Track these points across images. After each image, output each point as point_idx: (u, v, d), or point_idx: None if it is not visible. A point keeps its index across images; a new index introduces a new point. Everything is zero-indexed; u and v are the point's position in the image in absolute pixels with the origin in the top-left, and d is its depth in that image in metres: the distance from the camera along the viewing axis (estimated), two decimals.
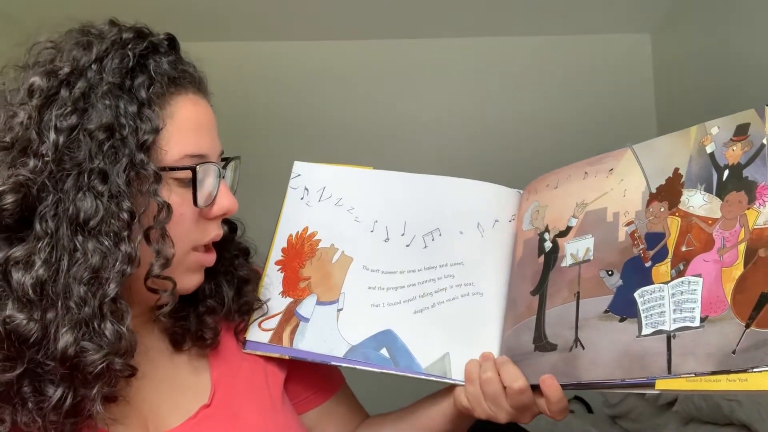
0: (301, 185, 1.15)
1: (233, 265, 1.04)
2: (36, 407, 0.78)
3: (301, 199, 1.14)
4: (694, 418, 2.11)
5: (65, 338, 0.78)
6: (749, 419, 1.84)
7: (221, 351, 1.02)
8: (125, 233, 0.82)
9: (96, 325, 0.80)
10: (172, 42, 0.95)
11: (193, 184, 0.89)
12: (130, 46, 0.88)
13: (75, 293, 0.79)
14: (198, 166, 0.89)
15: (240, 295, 1.03)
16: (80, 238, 0.80)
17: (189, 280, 0.94)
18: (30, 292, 0.78)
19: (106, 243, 0.81)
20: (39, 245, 0.79)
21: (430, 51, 3.59)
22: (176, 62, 0.93)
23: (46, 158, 0.80)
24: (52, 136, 0.81)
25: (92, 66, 0.86)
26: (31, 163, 0.80)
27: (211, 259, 0.96)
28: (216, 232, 0.95)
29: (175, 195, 0.88)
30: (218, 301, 1.01)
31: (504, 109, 3.55)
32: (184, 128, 0.90)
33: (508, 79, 3.58)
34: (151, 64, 0.89)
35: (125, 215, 0.82)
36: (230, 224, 1.07)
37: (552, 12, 3.34)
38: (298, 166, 1.16)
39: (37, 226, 0.80)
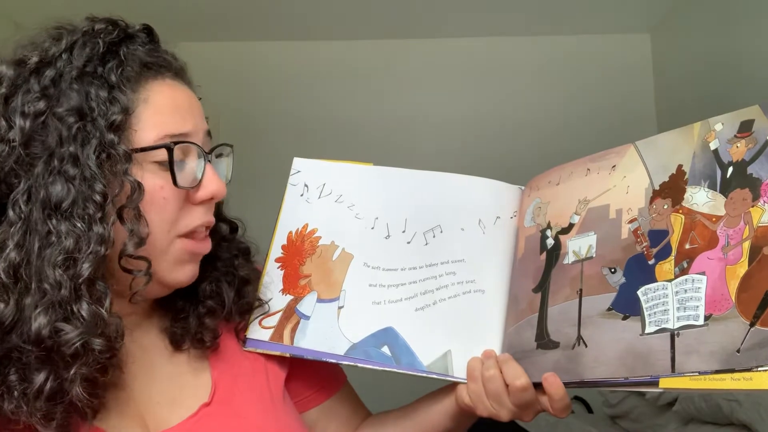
0: (300, 182, 1.14)
1: (233, 266, 1.03)
2: (21, 394, 0.78)
3: (301, 195, 1.13)
4: (694, 418, 2.11)
5: (39, 320, 0.77)
6: (749, 419, 1.84)
7: (222, 349, 1.02)
8: (98, 215, 0.81)
9: (72, 307, 0.79)
10: (148, 32, 0.94)
11: (170, 163, 0.87)
12: (102, 35, 0.88)
13: (49, 276, 0.79)
14: (175, 146, 0.88)
15: (240, 296, 1.03)
16: (53, 221, 0.80)
17: (181, 272, 0.93)
18: (3, 276, 0.78)
19: (79, 225, 0.80)
20: (12, 230, 0.80)
21: (430, 51, 3.59)
22: (151, 50, 0.92)
23: (14, 143, 0.81)
24: (19, 121, 0.82)
25: (62, 55, 0.86)
26: None
27: (203, 247, 0.95)
28: (204, 218, 0.93)
29: (157, 178, 0.87)
30: (218, 303, 1.00)
31: (504, 108, 3.56)
32: (161, 110, 0.89)
33: (509, 78, 3.58)
34: (123, 51, 0.89)
35: (98, 197, 0.81)
36: (230, 224, 1.06)
37: (552, 12, 3.35)
38: (298, 163, 1.16)
39: (10, 212, 0.80)
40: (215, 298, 1.00)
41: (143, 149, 0.86)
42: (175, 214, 0.90)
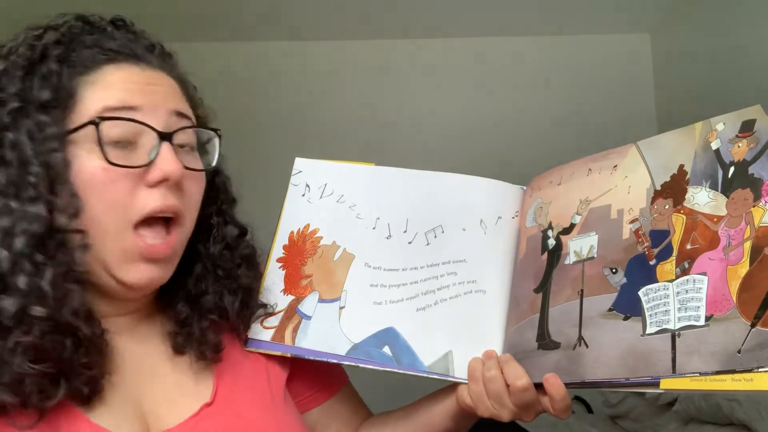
0: (302, 182, 1.14)
1: (236, 275, 1.02)
2: None
3: (303, 195, 1.13)
4: (694, 418, 2.11)
5: None
6: (749, 419, 1.84)
7: (224, 352, 1.02)
8: (31, 194, 0.82)
9: (10, 279, 0.80)
10: (116, 23, 0.94)
11: (98, 138, 0.85)
12: (61, 28, 0.90)
13: None
14: (103, 121, 0.85)
15: (244, 306, 1.02)
16: None
17: (136, 271, 0.88)
18: None
19: (14, 205, 0.81)
20: None
21: (431, 51, 3.59)
22: (111, 38, 0.92)
23: None
24: None
25: (19, 49, 0.87)
26: None
27: (158, 251, 0.89)
28: (159, 202, 0.87)
29: (97, 158, 0.85)
30: (222, 316, 1.00)
31: (505, 108, 3.56)
32: (107, 89, 0.87)
33: (509, 78, 3.58)
34: (79, 39, 0.89)
35: (32, 178, 0.82)
36: (240, 228, 1.05)
37: (552, 12, 3.35)
38: (300, 163, 1.16)
39: None
40: (218, 311, 0.99)
41: (75, 129, 0.85)
42: (125, 196, 0.86)
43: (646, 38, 3.63)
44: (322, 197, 1.12)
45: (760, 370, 0.74)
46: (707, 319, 0.81)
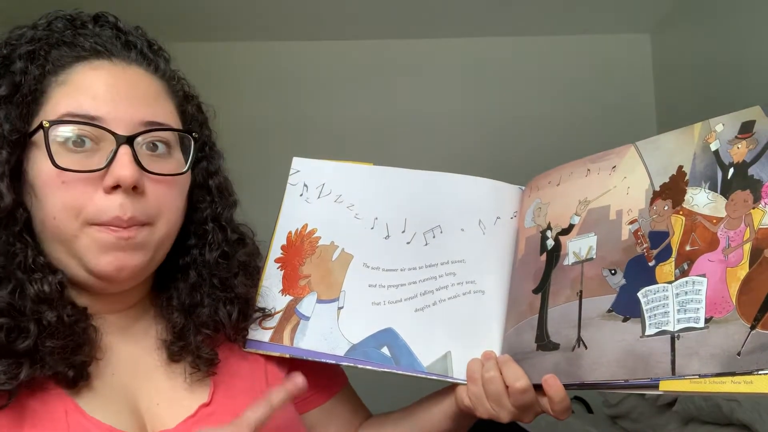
0: (300, 181, 1.14)
1: (232, 285, 1.00)
2: None
3: (301, 195, 1.13)
4: (694, 418, 2.11)
5: None
6: (749, 419, 1.83)
7: (221, 350, 1.02)
8: None
9: None
10: (98, 19, 0.94)
11: (45, 143, 0.84)
12: (40, 28, 0.90)
13: None
14: (53, 125, 0.84)
15: (241, 317, 1.01)
16: None
17: (102, 260, 0.86)
18: None
19: None
20: None
21: (430, 51, 3.59)
22: (86, 35, 0.91)
23: None
24: None
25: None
26: None
27: (117, 235, 0.86)
28: (115, 211, 0.85)
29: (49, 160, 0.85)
30: (217, 329, 0.99)
31: (503, 108, 3.55)
32: (74, 92, 0.87)
33: (509, 78, 3.58)
34: (53, 36, 0.89)
35: None
36: (239, 233, 1.04)
37: (552, 12, 3.35)
38: (297, 162, 1.15)
39: None
40: (213, 325, 0.98)
41: (32, 132, 0.86)
42: (79, 199, 0.85)
43: (646, 38, 3.63)
44: (320, 197, 1.12)
45: (760, 372, 0.74)
46: (707, 321, 0.80)
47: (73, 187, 0.85)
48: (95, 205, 0.85)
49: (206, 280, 0.99)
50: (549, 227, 1.02)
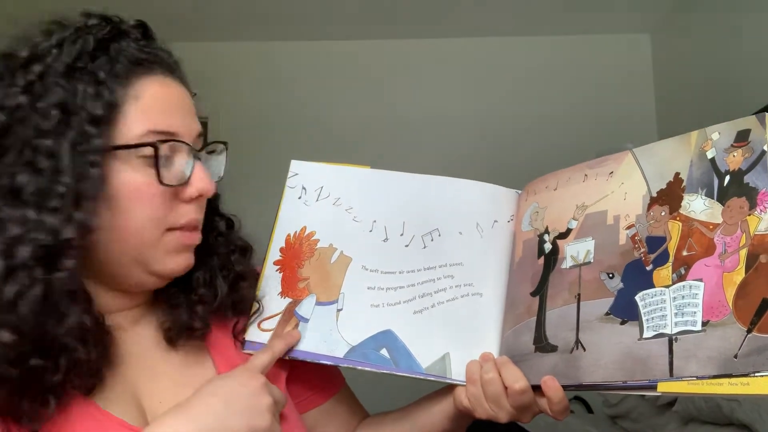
0: (298, 184, 1.14)
1: (230, 261, 1.03)
2: None
3: (299, 198, 1.13)
4: (694, 418, 2.11)
5: None
6: (749, 419, 1.84)
7: (222, 351, 1.02)
8: (53, 204, 0.81)
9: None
10: (142, 28, 0.94)
11: (155, 161, 0.87)
12: (93, 31, 0.89)
13: None
14: (162, 143, 0.88)
15: (234, 290, 1.03)
16: (8, 209, 0.81)
17: (174, 261, 0.92)
18: None
19: (31, 213, 0.81)
20: None
21: (430, 51, 3.60)
22: (144, 46, 0.92)
23: None
24: None
25: (51, 50, 0.86)
26: None
27: (193, 238, 0.95)
28: (193, 215, 0.93)
29: (143, 174, 0.87)
30: (210, 292, 1.00)
31: (503, 109, 3.56)
32: (149, 107, 0.89)
33: (508, 79, 3.58)
34: (114, 47, 0.89)
35: (60, 188, 0.81)
36: (227, 220, 1.06)
37: (552, 12, 3.35)
38: (296, 165, 1.16)
39: None
40: (207, 287, 1.00)
41: (128, 146, 0.86)
42: (163, 210, 0.90)
43: (646, 38, 3.63)
44: (319, 200, 1.12)
45: (756, 374, 0.75)
46: (704, 324, 0.81)
47: (158, 198, 0.89)
48: (176, 212, 0.91)
49: (205, 256, 1.01)
50: (546, 231, 1.03)
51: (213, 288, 1.01)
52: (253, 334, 1.06)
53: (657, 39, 3.59)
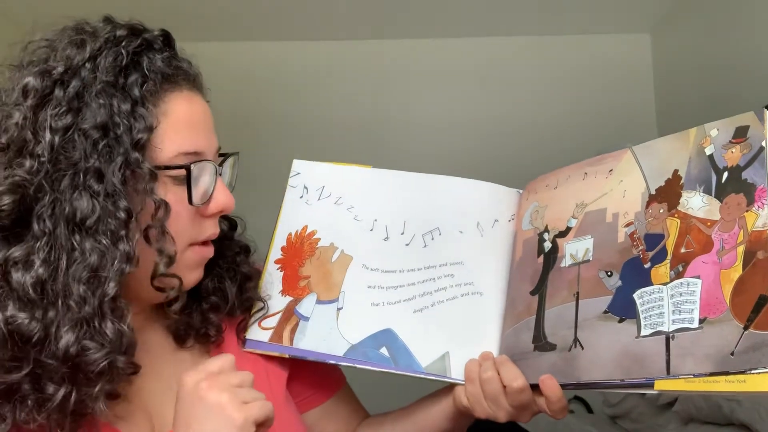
0: (300, 183, 1.14)
1: (235, 262, 1.04)
2: (36, 405, 0.79)
3: (301, 197, 1.14)
4: (694, 418, 2.11)
5: (67, 337, 0.78)
6: (749, 419, 1.84)
7: (224, 349, 1.02)
8: (122, 232, 0.82)
9: (97, 324, 0.80)
10: (166, 38, 0.94)
11: (187, 182, 0.89)
12: (123, 43, 0.88)
13: (75, 292, 0.79)
14: (193, 165, 0.89)
15: (242, 291, 1.04)
16: (77, 237, 0.80)
17: (189, 276, 0.94)
18: (30, 291, 0.78)
19: (104, 242, 0.81)
20: (37, 245, 0.80)
21: (430, 51, 3.59)
22: (170, 59, 0.92)
23: (42, 158, 0.81)
24: (48, 136, 0.81)
25: (86, 65, 0.85)
26: (27, 163, 0.81)
27: (208, 252, 0.96)
28: (213, 230, 0.95)
29: (170, 193, 0.88)
30: (221, 298, 1.01)
31: (503, 109, 3.56)
32: (179, 125, 0.89)
33: (508, 79, 3.58)
34: (145, 62, 0.89)
35: (122, 214, 0.82)
36: (230, 221, 1.07)
37: (552, 12, 3.35)
38: (297, 165, 1.16)
39: (35, 226, 0.80)
40: (218, 294, 1.01)
41: (166, 167, 0.87)
42: (187, 227, 0.91)
43: (646, 38, 3.63)
44: (320, 199, 1.13)
45: (752, 371, 0.75)
46: (701, 321, 0.81)
47: (184, 216, 0.90)
48: (198, 228, 0.93)
49: (211, 260, 1.00)
50: (546, 230, 1.03)
51: (222, 293, 1.02)
52: (254, 332, 1.06)
53: (657, 39, 3.59)
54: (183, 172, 0.88)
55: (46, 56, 0.87)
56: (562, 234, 1.01)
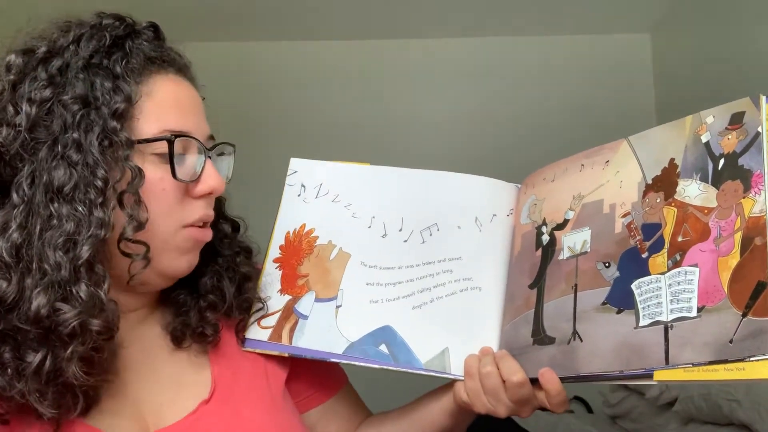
0: (297, 182, 1.14)
1: (235, 263, 1.04)
2: (15, 372, 0.80)
3: (298, 196, 1.14)
4: (694, 418, 2.10)
5: (38, 299, 0.79)
6: (749, 419, 1.83)
7: (222, 348, 1.02)
8: (99, 199, 0.83)
9: (71, 288, 0.81)
10: (154, 29, 0.96)
11: (170, 155, 0.89)
12: (108, 29, 0.91)
13: (50, 257, 0.81)
14: (176, 139, 0.90)
15: (241, 291, 1.03)
16: (55, 204, 0.82)
17: (181, 261, 0.94)
18: (5, 255, 0.80)
19: (80, 209, 0.82)
20: (15, 212, 0.82)
21: (430, 51, 3.60)
22: (157, 46, 0.94)
23: (19, 128, 0.83)
24: (26, 107, 0.84)
25: (69, 46, 0.88)
26: (4, 132, 0.84)
27: (206, 234, 0.96)
28: (204, 211, 0.95)
29: (157, 169, 0.89)
30: (219, 297, 1.01)
31: (503, 108, 3.56)
32: (164, 105, 0.91)
33: (508, 78, 3.58)
34: (128, 44, 0.91)
35: (99, 182, 0.83)
36: (232, 223, 1.07)
37: (552, 12, 3.35)
38: (295, 163, 1.16)
39: (14, 194, 0.83)
40: (216, 292, 1.01)
41: (146, 140, 0.88)
42: (175, 206, 0.91)
43: (646, 38, 3.63)
44: (318, 197, 1.13)
45: (751, 359, 0.75)
46: (699, 310, 0.81)
47: (170, 194, 0.91)
48: (188, 209, 0.93)
49: (210, 259, 1.02)
50: (544, 223, 1.03)
51: (220, 292, 1.01)
52: (253, 331, 1.06)
53: (657, 39, 3.59)
54: (166, 146, 0.89)
55: (33, 41, 0.90)
56: (560, 226, 1.00)
